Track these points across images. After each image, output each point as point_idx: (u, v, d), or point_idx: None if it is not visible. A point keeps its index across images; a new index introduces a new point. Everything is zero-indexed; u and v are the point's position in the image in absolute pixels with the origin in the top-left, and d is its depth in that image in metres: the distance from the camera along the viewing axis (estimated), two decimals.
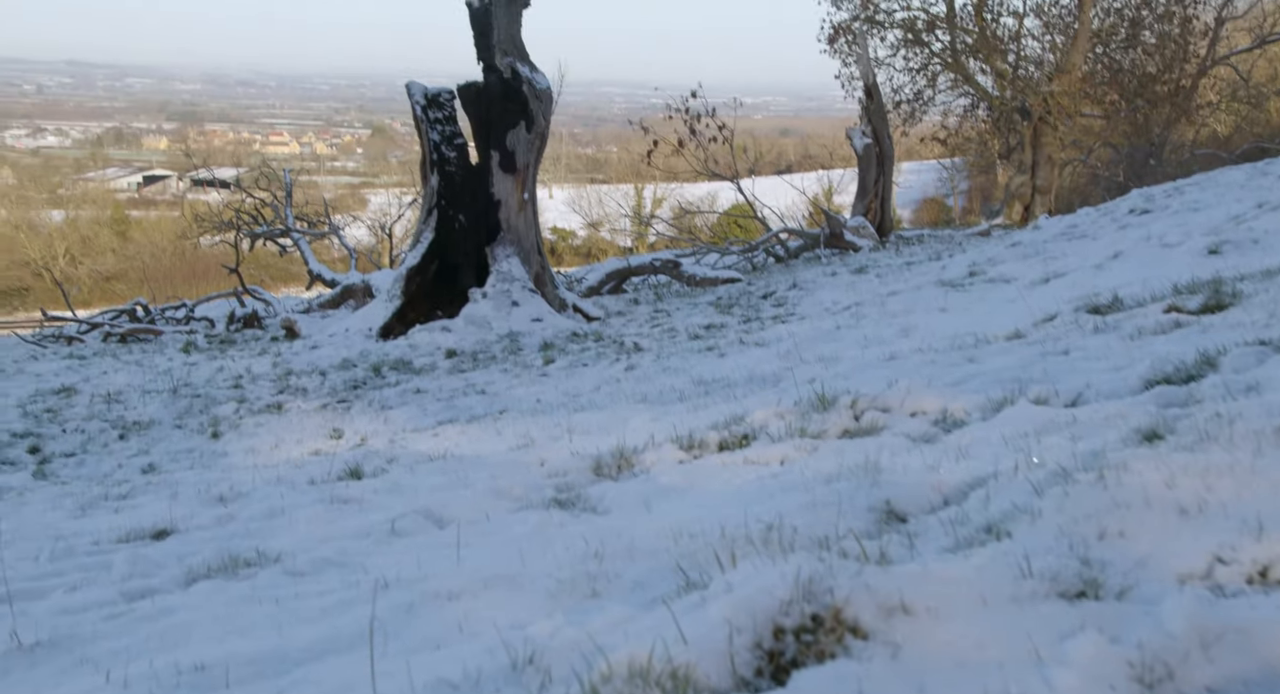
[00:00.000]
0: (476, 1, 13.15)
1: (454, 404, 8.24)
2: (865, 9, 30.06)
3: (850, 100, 28.40)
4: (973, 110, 31.90)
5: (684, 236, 30.32)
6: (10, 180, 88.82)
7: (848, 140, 22.43)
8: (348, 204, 70.08)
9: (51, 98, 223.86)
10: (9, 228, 66.01)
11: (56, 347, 16.01)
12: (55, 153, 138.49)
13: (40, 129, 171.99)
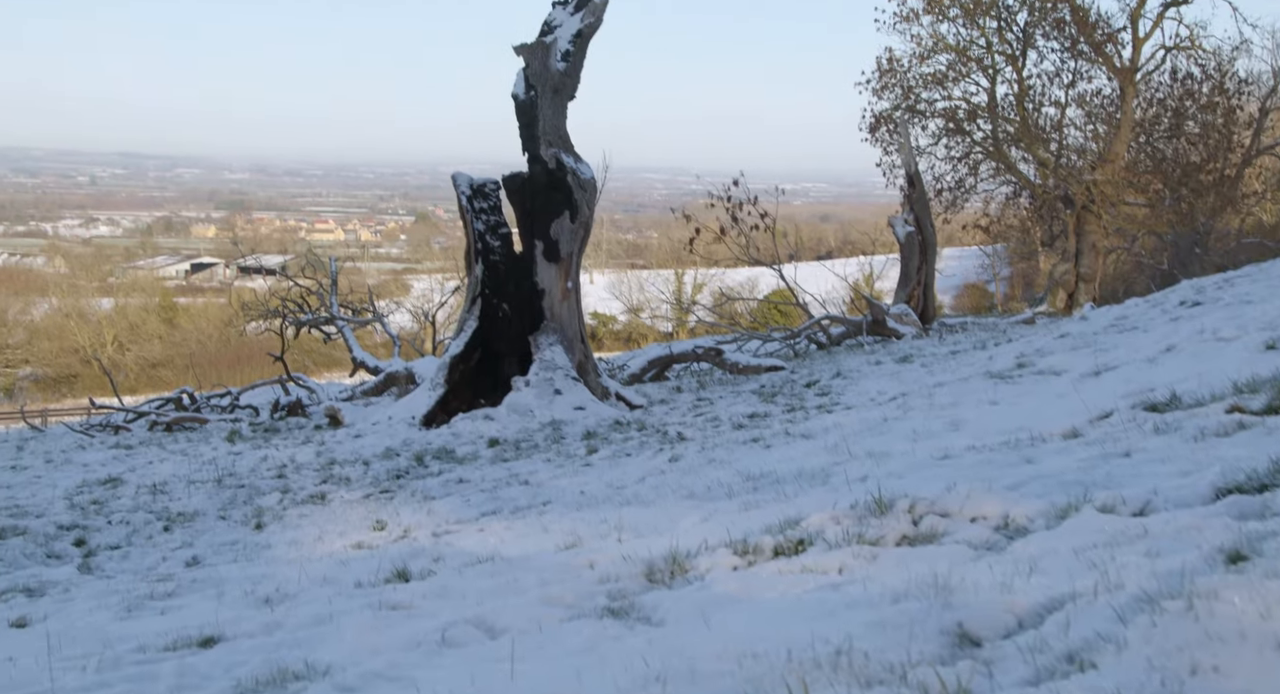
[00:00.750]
0: (522, 94, 13.34)
1: (497, 495, 8.18)
2: (906, 99, 30.33)
3: (892, 188, 28.55)
4: (1015, 198, 31.97)
5: (725, 323, 30.32)
6: (62, 269, 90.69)
7: (890, 228, 22.47)
8: (391, 290, 70.88)
9: (104, 188, 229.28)
10: (60, 316, 67.20)
11: (103, 436, 16.14)
12: (106, 242, 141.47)
13: (92, 219, 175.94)
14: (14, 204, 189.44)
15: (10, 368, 63.48)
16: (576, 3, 13.47)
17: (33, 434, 18.58)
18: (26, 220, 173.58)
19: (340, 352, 29.16)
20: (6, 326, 64.78)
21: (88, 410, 24.75)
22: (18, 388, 61.70)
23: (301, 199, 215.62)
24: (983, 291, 56.08)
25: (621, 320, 69.81)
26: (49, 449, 14.27)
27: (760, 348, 20.24)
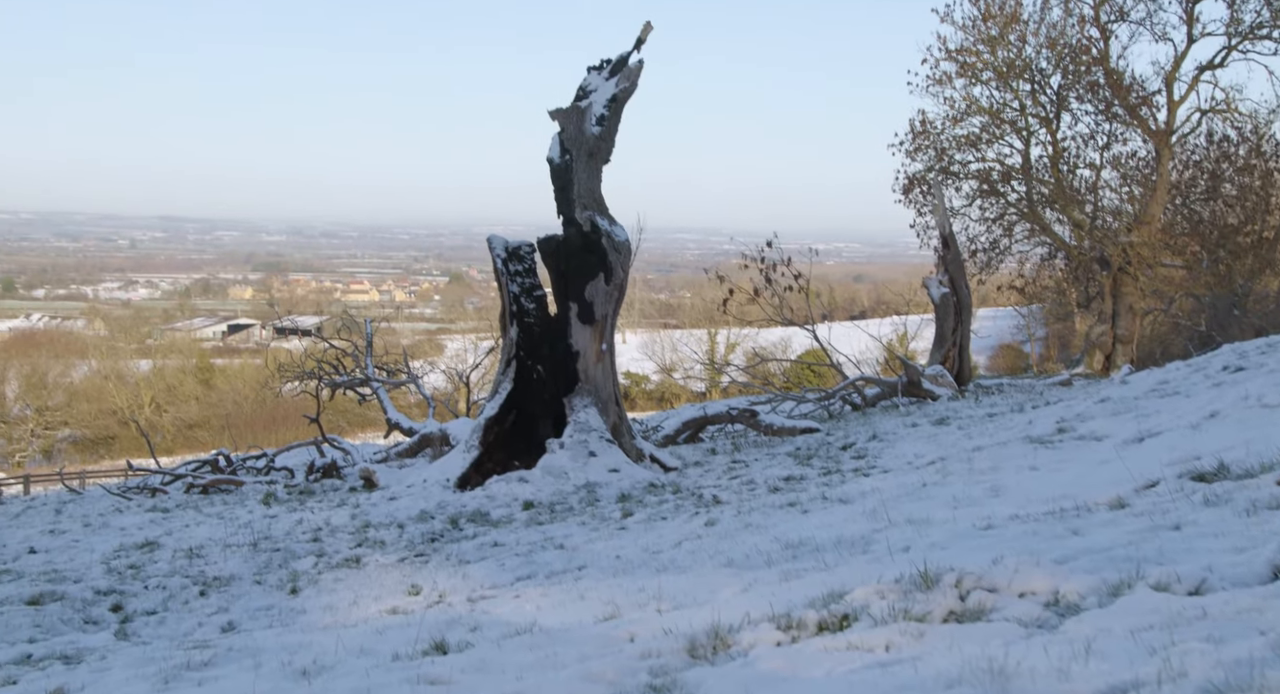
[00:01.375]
0: (558, 158, 13.45)
1: (532, 559, 8.12)
2: (940, 160, 30.43)
3: (926, 248, 28.56)
4: (1050, 259, 31.90)
5: (758, 383, 30.22)
6: (102, 332, 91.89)
7: (924, 289, 22.41)
8: (425, 350, 71.31)
9: (144, 252, 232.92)
10: (98, 378, 67.96)
11: (141, 498, 16.21)
12: (146, 304, 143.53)
13: (132, 281, 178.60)
14: (56, 268, 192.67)
15: (50, 430, 64.10)
16: (611, 68, 13.62)
17: (71, 497, 18.69)
18: (68, 283, 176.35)
19: (374, 411, 29.25)
20: (46, 389, 65.48)
21: (125, 473, 24.89)
22: (56, 449, 62.26)
23: (337, 260, 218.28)
24: (1018, 352, 55.76)
25: (654, 380, 69.82)
26: (87, 512, 14.34)
27: (794, 409, 20.14)
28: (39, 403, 64.08)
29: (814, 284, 23.20)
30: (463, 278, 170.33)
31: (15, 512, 16.15)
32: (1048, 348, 53.87)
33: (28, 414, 63.59)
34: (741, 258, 22.92)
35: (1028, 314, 51.74)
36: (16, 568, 9.44)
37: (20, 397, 64.46)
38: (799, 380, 40.93)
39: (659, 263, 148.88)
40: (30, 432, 62.71)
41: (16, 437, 62.11)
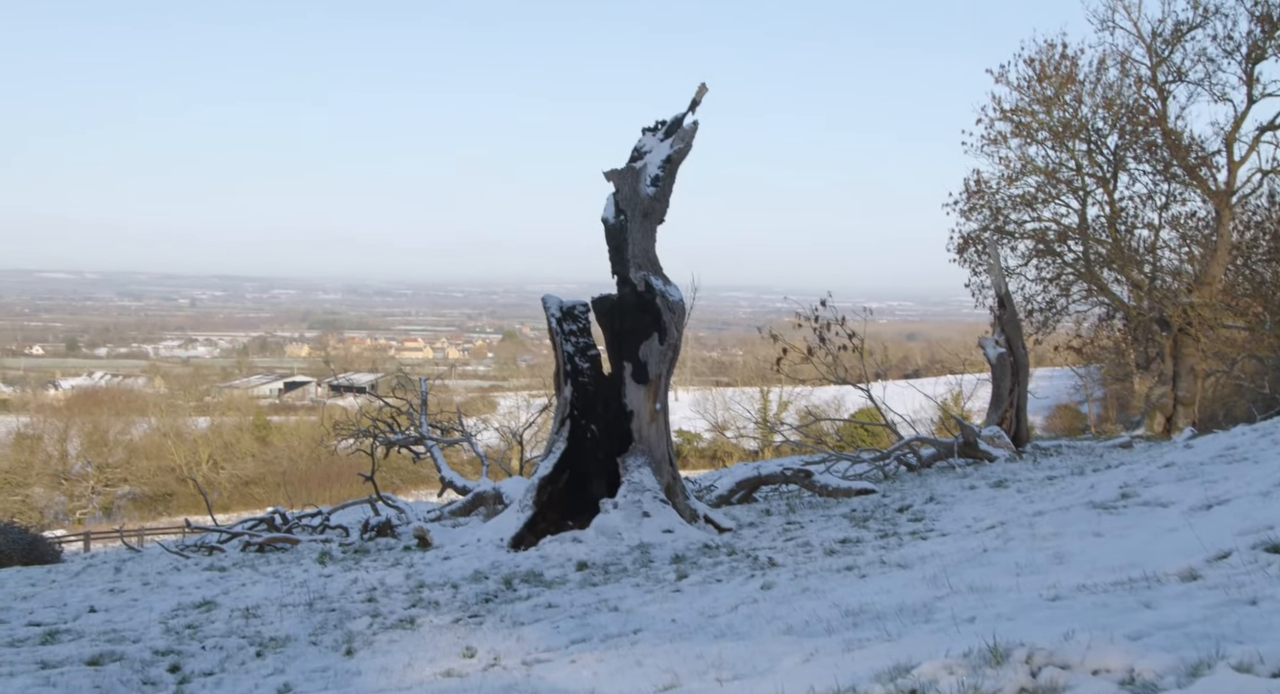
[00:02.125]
0: (612, 218, 13.53)
1: (587, 622, 8.06)
2: (995, 220, 30.30)
3: (981, 307, 28.37)
4: (1108, 319, 31.54)
5: (811, 442, 30.01)
6: (162, 389, 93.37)
7: (980, 349, 22.23)
8: (478, 407, 71.70)
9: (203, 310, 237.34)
10: (158, 435, 68.94)
11: (198, 556, 16.34)
12: (204, 362, 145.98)
13: (191, 340, 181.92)
14: (118, 326, 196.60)
15: (110, 486, 64.98)
16: (666, 129, 13.74)
17: (130, 555, 18.89)
18: (129, 342, 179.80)
19: (428, 468, 29.36)
20: (107, 446, 66.46)
21: (183, 530, 25.15)
22: (116, 506, 63.06)
23: (391, 318, 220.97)
24: (1075, 413, 55.02)
25: (706, 438, 69.65)
26: (146, 571, 14.46)
27: (849, 469, 19.97)
28: (100, 460, 65.04)
29: (867, 342, 23.09)
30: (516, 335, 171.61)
31: (76, 570, 16.32)
32: (1106, 409, 53.11)
33: (89, 471, 64.53)
34: (795, 316, 22.88)
35: (1085, 374, 51.12)
36: (77, 627, 9.52)
37: (82, 454, 65.47)
38: (852, 440, 40.67)
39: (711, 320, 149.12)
40: (91, 488, 63.61)
41: (77, 493, 62.99)
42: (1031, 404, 24.63)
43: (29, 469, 62.90)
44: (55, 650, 8.30)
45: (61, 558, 24.39)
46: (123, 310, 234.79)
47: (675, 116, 13.74)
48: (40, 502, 61.00)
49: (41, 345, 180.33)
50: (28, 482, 62.04)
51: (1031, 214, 30.51)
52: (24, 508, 56.88)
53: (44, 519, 55.34)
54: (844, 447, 31.79)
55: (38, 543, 24.62)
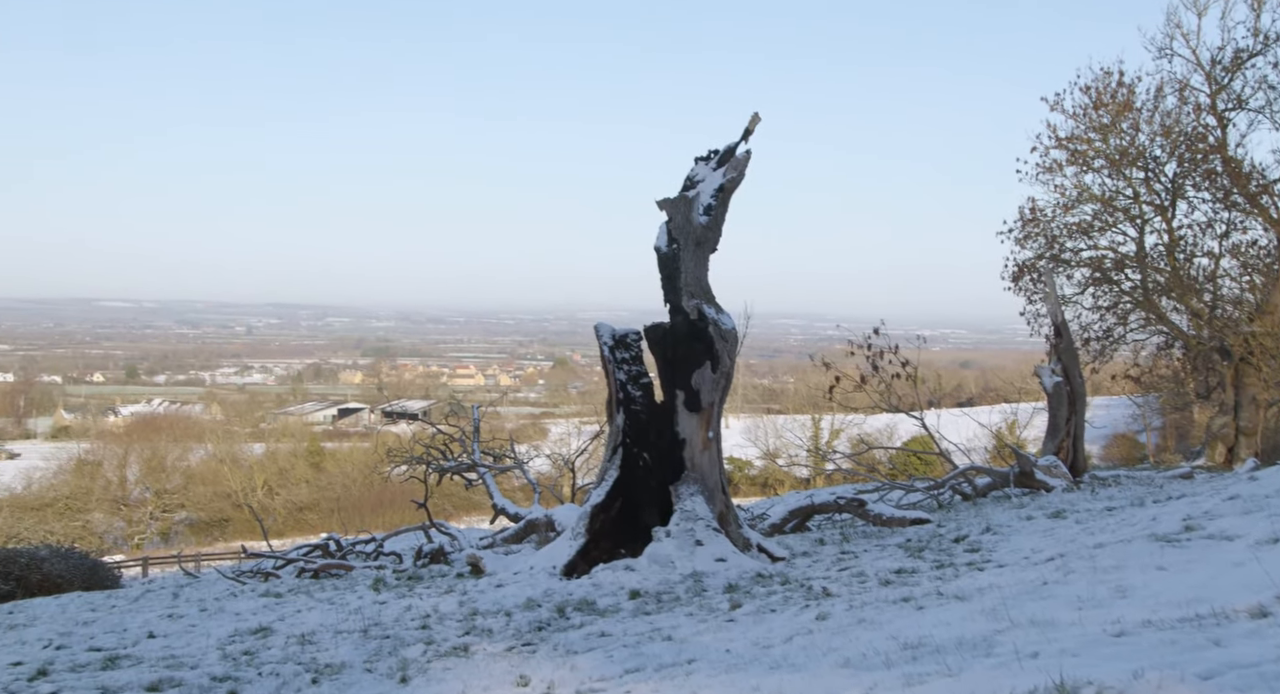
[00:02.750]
0: (665, 246, 13.55)
1: (640, 651, 8.03)
2: (1050, 248, 30.07)
3: (1036, 336, 28.14)
4: (1167, 348, 31.14)
5: (863, 470, 29.80)
6: (219, 416, 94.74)
7: (1036, 378, 22.01)
8: (529, 434, 72.00)
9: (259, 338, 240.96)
10: (214, 461, 69.93)
11: (254, 582, 16.49)
12: (260, 389, 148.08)
13: (247, 367, 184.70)
14: (176, 354, 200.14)
15: (167, 512, 65.94)
16: (719, 158, 13.77)
17: (188, 580, 19.11)
18: (187, 369, 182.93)
19: (480, 495, 29.48)
20: (165, 472, 67.47)
21: (239, 556, 25.39)
22: (174, 531, 63.91)
23: (443, 345, 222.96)
24: (1133, 443, 54.21)
25: (758, 465, 69.51)
26: (203, 597, 14.61)
27: (902, 498, 19.82)
28: (158, 486, 66.05)
29: (920, 370, 22.95)
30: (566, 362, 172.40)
31: (135, 595, 16.53)
32: (1164, 438, 52.29)
33: (147, 497, 65.53)
34: (848, 344, 22.80)
35: (1143, 404, 50.40)
36: (136, 653, 9.64)
37: (140, 480, 66.51)
38: (906, 468, 40.35)
39: (762, 348, 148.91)
40: (149, 514, 64.57)
41: (136, 519, 63.96)
42: (1088, 433, 24.32)
43: (89, 495, 63.98)
44: (116, 676, 8.41)
45: (121, 583, 24.75)
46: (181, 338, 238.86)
47: (728, 145, 13.77)
48: (100, 527, 62.00)
49: (102, 373, 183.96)
50: (88, 507, 63.07)
51: (1088, 242, 30.26)
52: (84, 533, 57.80)
53: (104, 544, 56.25)
54: (897, 475, 31.55)
55: (98, 568, 25.01)
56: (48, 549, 25.31)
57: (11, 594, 21.14)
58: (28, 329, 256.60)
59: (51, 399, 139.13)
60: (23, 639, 11.48)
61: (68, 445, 78.96)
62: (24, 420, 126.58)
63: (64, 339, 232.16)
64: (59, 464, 69.36)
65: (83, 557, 25.57)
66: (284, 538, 47.93)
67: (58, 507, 60.76)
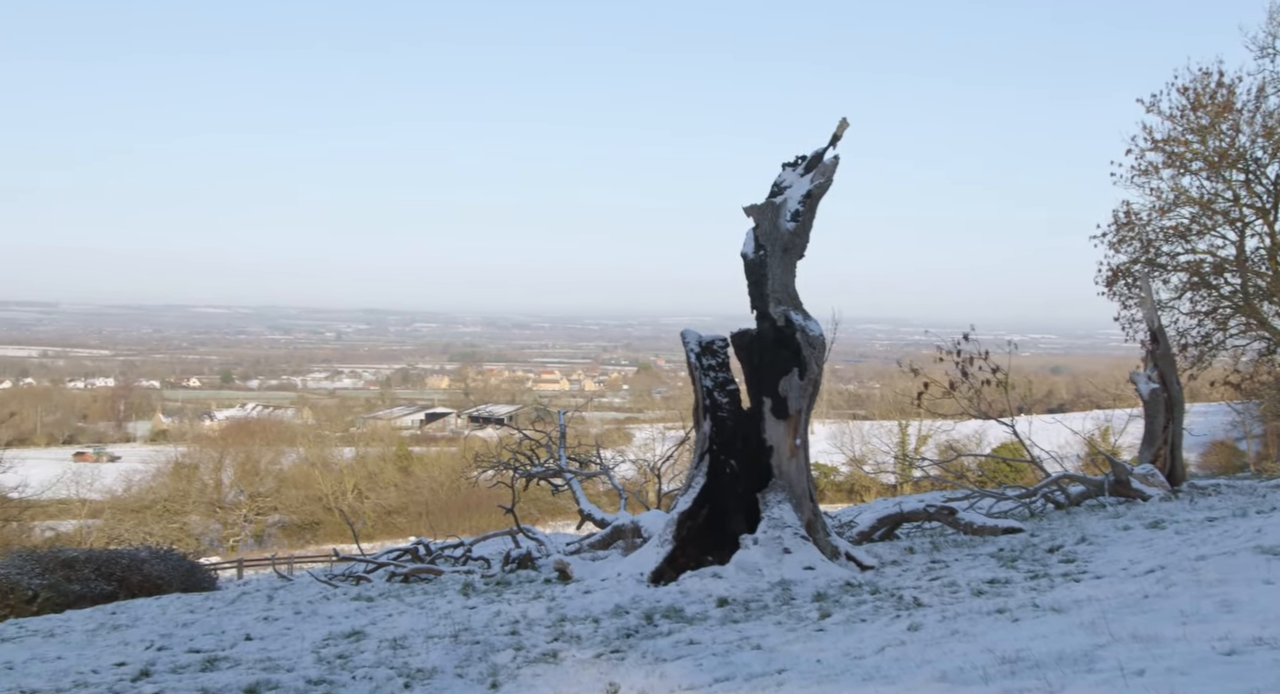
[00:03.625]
0: (751, 253, 13.49)
1: (729, 660, 7.99)
2: (1146, 252, 29.40)
3: (1131, 341, 27.54)
4: (1269, 354, 30.25)
5: (951, 477, 29.36)
6: (310, 420, 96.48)
7: (1131, 384, 21.51)
8: (613, 439, 72.24)
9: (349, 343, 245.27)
10: (306, 465, 71.23)
11: (346, 586, 16.75)
12: (349, 393, 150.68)
13: (338, 372, 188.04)
14: (268, 359, 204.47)
15: (261, 515, 67.33)
16: (807, 164, 13.67)
17: (281, 583, 19.48)
18: (279, 374, 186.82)
19: (565, 500, 29.63)
20: (258, 475, 68.87)
21: (330, 559, 25.82)
22: (267, 534, 65.22)
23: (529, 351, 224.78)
24: (1233, 450, 52.77)
25: (844, 472, 68.97)
26: (297, 600, 14.88)
27: (993, 506, 19.49)
28: (251, 489, 67.47)
29: (1010, 376, 22.54)
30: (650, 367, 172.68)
31: (231, 597, 16.90)
32: (1266, 446, 50.79)
33: (241, 499, 66.98)
34: (936, 350, 22.49)
35: (1243, 410, 49.01)
36: (234, 655, 9.85)
37: (235, 483, 67.98)
38: (995, 475, 39.67)
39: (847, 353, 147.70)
40: (243, 516, 65.98)
41: (231, 521, 65.40)
42: (1186, 441, 23.69)
43: (186, 497, 65.56)
44: (215, 678, 8.60)
45: (217, 585, 25.32)
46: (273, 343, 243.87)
47: (816, 151, 13.67)
48: (197, 529, 63.52)
49: (198, 378, 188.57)
50: (185, 509, 64.63)
51: (1185, 246, 29.54)
52: (182, 535, 59.25)
53: (200, 546, 57.60)
54: (987, 482, 31.06)
55: (195, 570, 25.62)
56: (147, 551, 26.00)
57: (114, 594, 21.75)
58: (127, 335, 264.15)
59: (150, 403, 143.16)
60: (125, 640, 11.80)
61: (165, 449, 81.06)
62: (124, 424, 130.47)
63: (162, 345, 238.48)
64: (157, 467, 71.23)
65: (181, 558, 26.22)
66: (373, 541, 48.65)
67: (156, 509, 62.37)
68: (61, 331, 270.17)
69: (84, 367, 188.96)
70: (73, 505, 62.53)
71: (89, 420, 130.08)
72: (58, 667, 10.04)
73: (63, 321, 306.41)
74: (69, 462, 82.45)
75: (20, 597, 21.11)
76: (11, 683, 9.23)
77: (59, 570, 22.65)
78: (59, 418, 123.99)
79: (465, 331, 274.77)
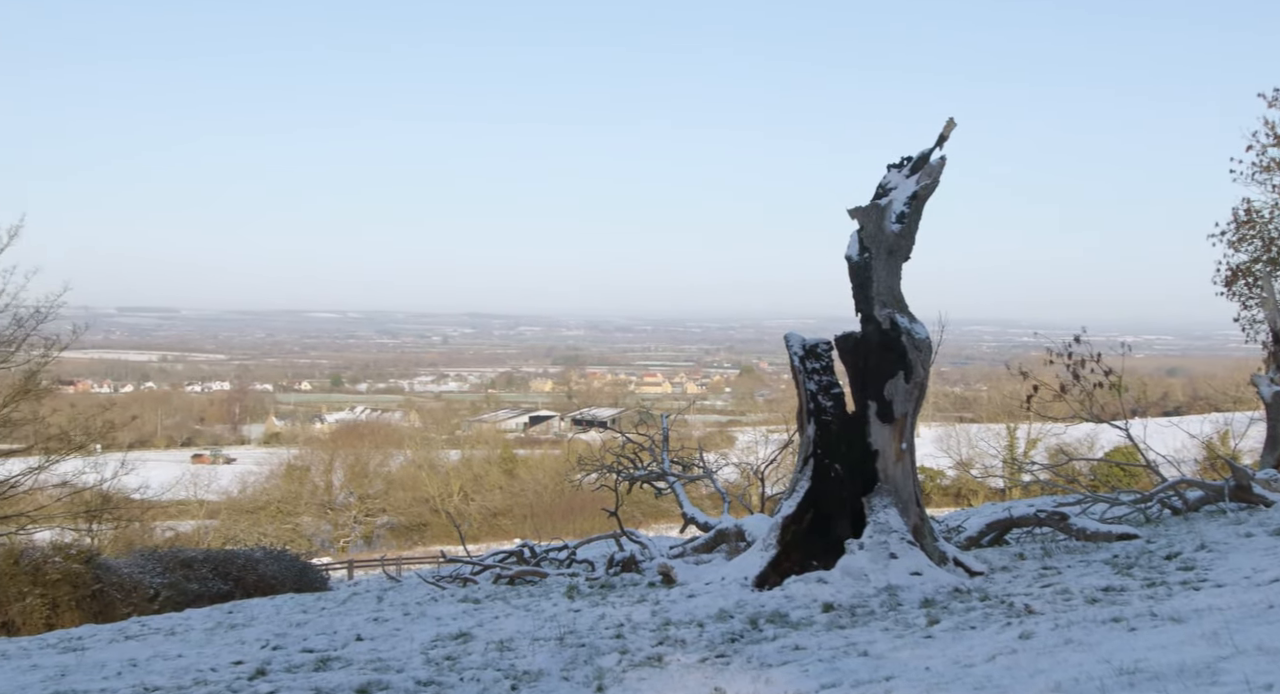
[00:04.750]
0: (856, 255, 13.36)
1: (836, 666, 7.92)
2: (1268, 251, 28.45)
3: (1252, 342, 26.68)
4: None
5: (1062, 482, 28.70)
6: (417, 423, 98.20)
7: (1253, 386, 20.82)
8: (716, 442, 72.21)
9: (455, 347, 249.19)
10: (413, 467, 72.52)
11: (453, 587, 16.99)
12: (455, 397, 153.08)
13: (443, 375, 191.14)
14: (376, 363, 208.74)
15: (370, 516, 68.73)
16: (912, 165, 13.49)
17: (390, 584, 19.85)
18: (387, 377, 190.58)
19: (668, 503, 29.62)
20: (367, 477, 70.30)
21: (438, 560, 26.22)
22: (376, 535, 66.56)
23: (631, 353, 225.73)
24: None
25: (950, 476, 67.85)
26: (405, 601, 15.15)
27: (1106, 512, 18.99)
28: (361, 490, 68.92)
29: (1124, 378, 21.94)
30: (753, 370, 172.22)
31: (342, 597, 17.28)
32: None
33: (351, 501, 68.44)
34: (1046, 352, 21.99)
35: None
36: (346, 655, 10.07)
37: (345, 485, 69.47)
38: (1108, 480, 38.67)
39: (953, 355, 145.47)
40: (353, 518, 67.45)
41: (341, 522, 66.89)
42: None
43: (299, 499, 67.21)
44: (328, 677, 8.79)
45: (329, 585, 25.92)
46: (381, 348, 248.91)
47: (922, 152, 13.48)
48: (309, 530, 65.08)
49: (309, 381, 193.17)
50: (298, 511, 66.25)
51: None
52: (294, 536, 60.75)
53: (312, 547, 59.01)
54: (1099, 487, 30.26)
55: (307, 570, 26.28)
56: (262, 551, 26.76)
57: (230, 594, 22.43)
58: (242, 339, 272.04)
59: (263, 406, 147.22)
60: (242, 639, 12.14)
61: (278, 451, 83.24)
62: (239, 427, 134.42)
63: (275, 349, 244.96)
64: (270, 469, 73.19)
65: (293, 559, 26.93)
66: (479, 543, 49.28)
67: (270, 510, 64.06)
68: (181, 336, 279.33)
69: (201, 371, 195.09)
70: (191, 506, 64.52)
71: (206, 423, 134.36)
72: (178, 665, 10.36)
73: (182, 327, 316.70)
74: (187, 463, 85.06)
75: (143, 595, 21.90)
76: (136, 680, 9.55)
77: (179, 570, 23.45)
78: (178, 421, 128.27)
79: (568, 335, 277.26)
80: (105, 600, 21.34)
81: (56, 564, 21.49)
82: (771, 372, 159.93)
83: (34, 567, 21.22)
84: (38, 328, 29.90)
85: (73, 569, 21.44)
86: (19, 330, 29.59)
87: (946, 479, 66.52)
